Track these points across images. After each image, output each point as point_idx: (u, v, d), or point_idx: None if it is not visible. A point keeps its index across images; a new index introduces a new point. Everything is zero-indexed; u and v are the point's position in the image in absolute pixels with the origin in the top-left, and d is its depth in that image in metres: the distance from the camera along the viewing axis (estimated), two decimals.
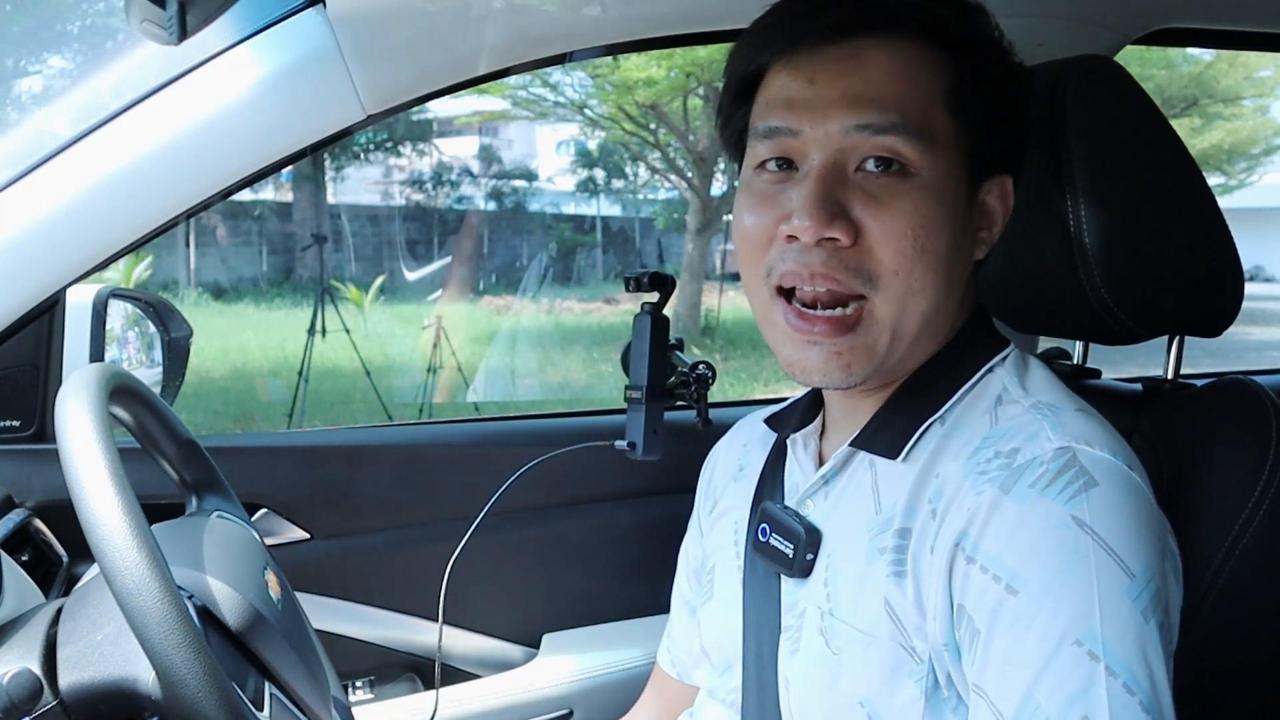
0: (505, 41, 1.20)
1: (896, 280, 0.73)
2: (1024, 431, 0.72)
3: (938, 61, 0.74)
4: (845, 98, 0.73)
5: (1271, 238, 14.41)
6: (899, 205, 0.72)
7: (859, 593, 0.76)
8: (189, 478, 0.94)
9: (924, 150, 0.72)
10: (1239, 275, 0.87)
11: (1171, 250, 0.85)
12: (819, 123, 0.73)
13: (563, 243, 13.39)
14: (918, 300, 0.74)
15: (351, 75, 1.13)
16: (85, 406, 0.69)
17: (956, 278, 0.76)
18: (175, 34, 0.83)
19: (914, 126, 0.72)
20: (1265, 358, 9.67)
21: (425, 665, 1.35)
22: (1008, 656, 0.65)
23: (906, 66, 0.73)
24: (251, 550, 0.86)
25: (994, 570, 0.67)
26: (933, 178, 0.73)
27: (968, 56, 0.75)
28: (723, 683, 0.90)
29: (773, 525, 0.83)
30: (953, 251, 0.74)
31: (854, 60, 0.73)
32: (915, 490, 0.75)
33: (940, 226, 0.73)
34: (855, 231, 0.73)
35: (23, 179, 1.08)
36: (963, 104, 0.74)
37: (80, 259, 1.13)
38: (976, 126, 0.75)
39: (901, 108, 0.72)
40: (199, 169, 1.13)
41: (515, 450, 1.32)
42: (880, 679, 0.73)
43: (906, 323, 0.75)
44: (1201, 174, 0.88)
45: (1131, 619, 0.64)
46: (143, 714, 0.71)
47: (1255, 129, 11.41)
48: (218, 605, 0.76)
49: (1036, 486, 0.67)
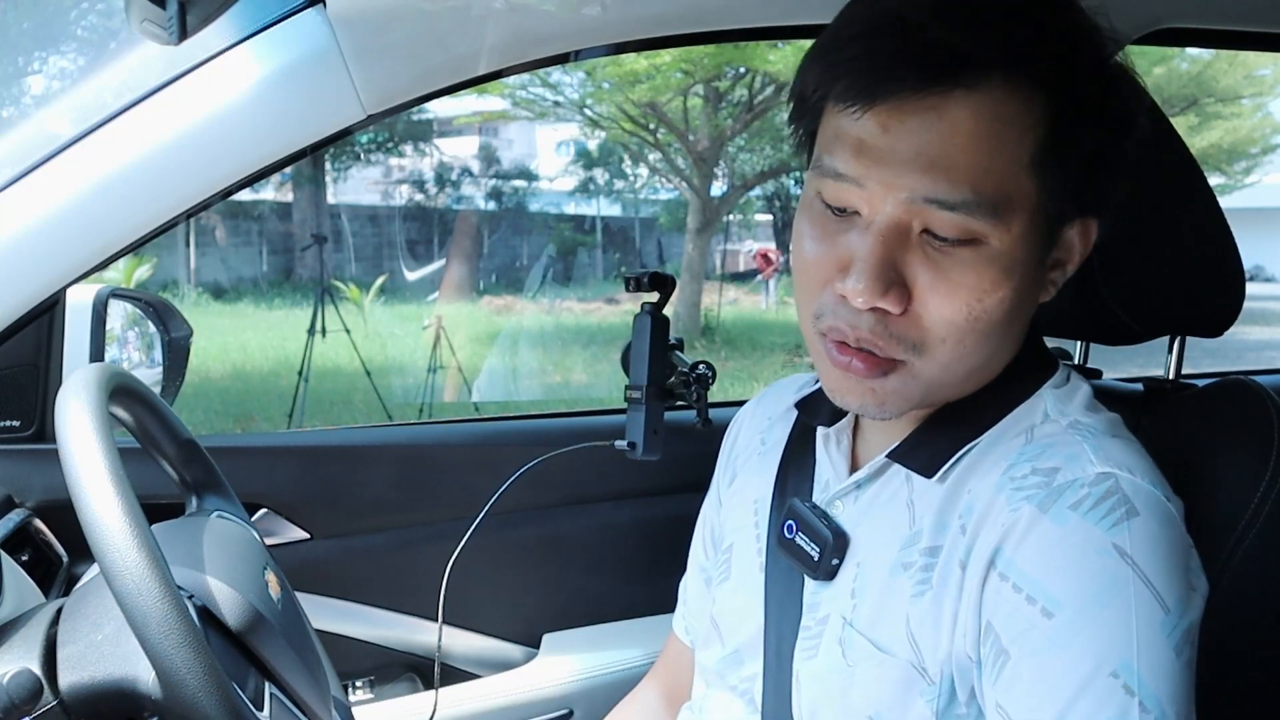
0: (505, 41, 1.20)
1: (943, 347, 0.70)
2: (1063, 451, 0.70)
3: (1028, 113, 0.66)
4: (920, 159, 0.65)
5: (1271, 238, 14.41)
6: (960, 277, 0.67)
7: (881, 607, 0.75)
8: (189, 478, 0.94)
9: (996, 223, 0.66)
10: (1240, 275, 0.87)
11: (1173, 250, 0.84)
12: (887, 182, 0.67)
13: (563, 243, 13.39)
14: (964, 361, 0.71)
15: (351, 75, 1.13)
16: (85, 406, 0.69)
17: (1014, 331, 0.73)
18: (175, 34, 0.83)
19: (988, 201, 0.65)
20: (1265, 358, 9.67)
21: (425, 665, 1.35)
22: (1037, 680, 0.64)
23: (991, 125, 0.65)
24: (251, 550, 0.86)
25: (1028, 590, 0.66)
26: (1003, 246, 0.67)
27: (1067, 101, 0.66)
28: (734, 670, 0.88)
29: (799, 524, 0.81)
30: (1012, 313, 0.70)
31: (935, 114, 0.65)
32: (945, 506, 0.73)
33: (1002, 296, 0.68)
34: (908, 297, 0.68)
35: (23, 179, 1.08)
36: (1053, 162, 0.67)
37: (80, 259, 1.12)
38: (1066, 182, 0.68)
39: (976, 181, 0.65)
40: (199, 169, 1.13)
41: (515, 450, 1.32)
42: (892, 696, 0.72)
43: (949, 378, 0.72)
44: (1203, 174, 0.88)
45: (1165, 654, 0.63)
46: (143, 714, 0.71)
47: (1254, 128, 11.42)
48: (218, 605, 0.76)
49: (1079, 509, 0.66)
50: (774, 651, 0.83)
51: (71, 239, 1.11)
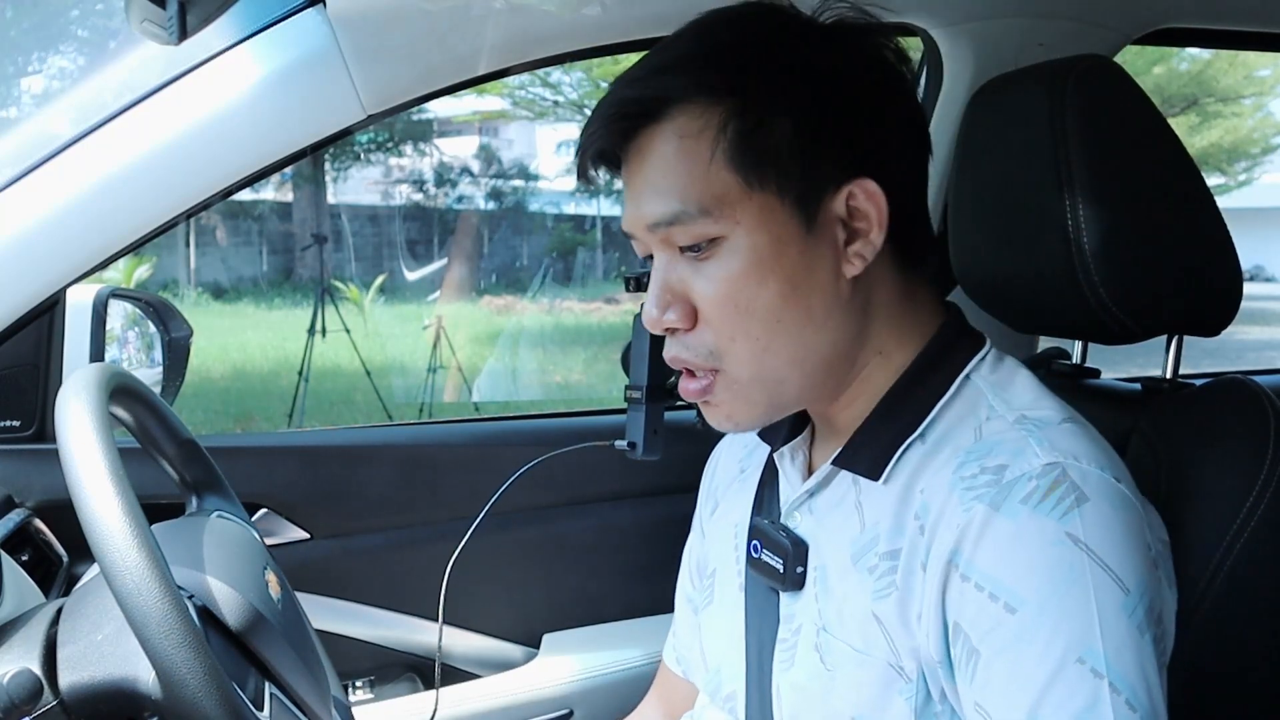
0: (505, 41, 1.20)
1: (735, 345, 0.74)
2: (1009, 447, 0.71)
3: (709, 124, 0.71)
4: (643, 193, 0.74)
5: (1271, 238, 14.40)
6: (713, 275, 0.73)
7: (849, 610, 0.76)
8: (189, 478, 0.94)
9: (720, 217, 0.71)
10: (1237, 275, 0.87)
11: (1170, 250, 0.84)
12: (633, 221, 0.76)
13: (563, 243, 13.39)
14: (772, 352, 0.74)
15: (351, 75, 1.13)
16: (85, 406, 0.69)
17: (815, 311, 0.74)
18: (175, 34, 0.83)
19: (695, 207, 0.71)
20: (1265, 358, 9.67)
21: (425, 665, 1.35)
22: (1010, 675, 0.65)
23: (680, 144, 0.72)
24: (251, 550, 0.86)
25: (990, 589, 0.67)
26: (737, 238, 0.72)
27: (747, 102, 0.71)
28: (718, 689, 0.90)
29: (763, 541, 0.83)
30: (789, 294, 0.72)
31: (640, 156, 0.74)
32: (899, 509, 0.74)
33: (760, 280, 0.72)
34: (694, 313, 0.74)
35: (23, 179, 1.08)
36: (751, 153, 0.71)
37: (80, 259, 1.13)
38: (777, 166, 0.71)
39: (682, 192, 0.72)
40: (199, 169, 1.13)
41: (515, 450, 1.32)
42: (872, 696, 0.73)
43: (770, 370, 0.75)
44: (1200, 174, 0.88)
45: (1129, 634, 0.65)
46: (142, 713, 0.71)
47: (1255, 128, 11.42)
48: (218, 605, 0.76)
49: (1029, 503, 0.67)
50: (755, 667, 0.84)
51: (71, 239, 1.11)
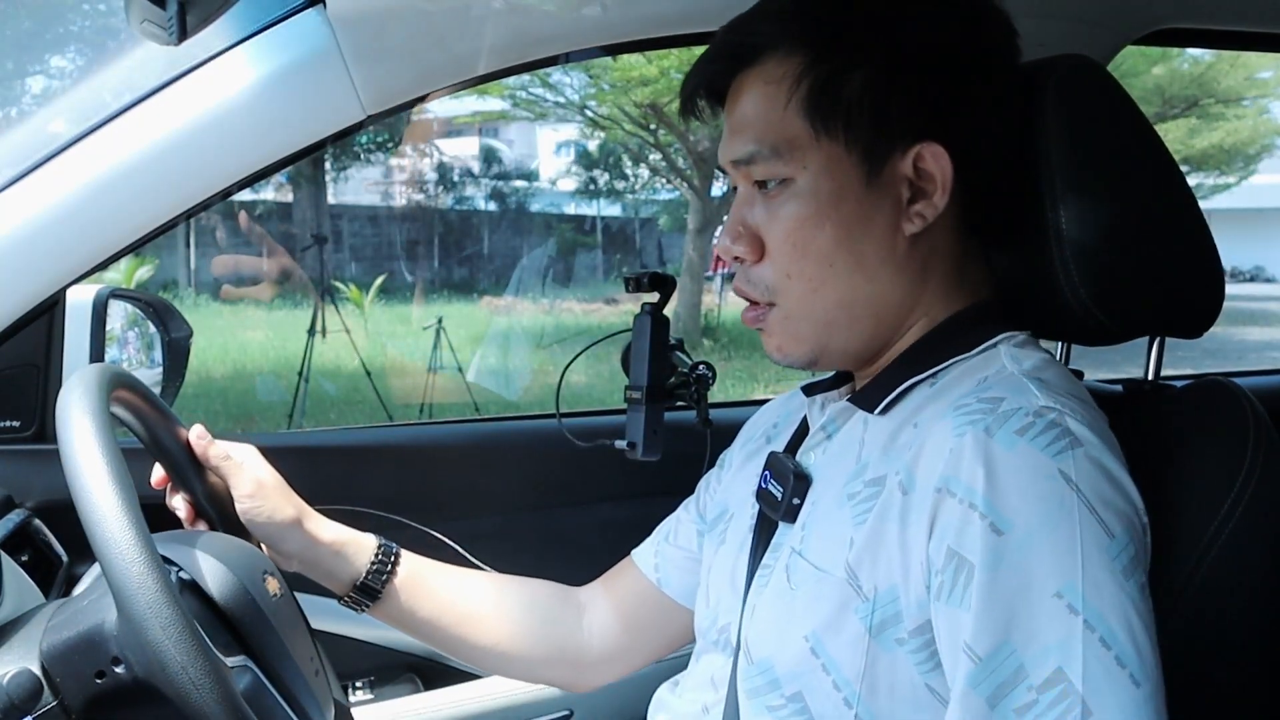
0: (505, 41, 1.20)
1: (790, 282, 0.80)
2: (1009, 386, 0.73)
3: (791, 71, 0.78)
4: (730, 135, 0.81)
5: (1272, 238, 14.41)
6: (783, 214, 0.79)
7: (824, 535, 0.78)
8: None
9: (789, 160, 0.78)
10: (1219, 276, 0.87)
11: (1151, 250, 0.84)
12: (723, 156, 0.83)
13: (563, 243, 13.39)
14: (822, 292, 0.79)
15: (351, 75, 1.13)
16: (86, 406, 0.69)
17: (868, 260, 0.79)
18: (175, 34, 0.83)
19: (769, 148, 0.78)
20: (1265, 358, 9.68)
21: (425, 665, 1.35)
22: (988, 597, 0.66)
23: (765, 88, 0.79)
24: (251, 552, 0.86)
25: (981, 507, 0.67)
26: (804, 182, 0.78)
27: (826, 53, 0.77)
28: (714, 622, 0.91)
29: (773, 472, 0.86)
30: (843, 240, 0.78)
31: (734, 97, 0.82)
32: (890, 440, 0.77)
33: (819, 223, 0.78)
34: (762, 248, 0.81)
35: (23, 179, 1.08)
36: (825, 103, 0.77)
37: (80, 259, 1.13)
38: (849, 119, 0.77)
39: (759, 134, 0.79)
40: (199, 169, 1.13)
41: (515, 450, 1.32)
42: (828, 614, 0.74)
43: (819, 311, 0.80)
44: (1182, 174, 0.87)
45: (1111, 576, 0.65)
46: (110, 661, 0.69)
47: (1255, 129, 11.42)
48: (203, 578, 0.75)
49: (1025, 435, 0.68)
50: (745, 597, 0.86)
51: (71, 239, 1.11)
